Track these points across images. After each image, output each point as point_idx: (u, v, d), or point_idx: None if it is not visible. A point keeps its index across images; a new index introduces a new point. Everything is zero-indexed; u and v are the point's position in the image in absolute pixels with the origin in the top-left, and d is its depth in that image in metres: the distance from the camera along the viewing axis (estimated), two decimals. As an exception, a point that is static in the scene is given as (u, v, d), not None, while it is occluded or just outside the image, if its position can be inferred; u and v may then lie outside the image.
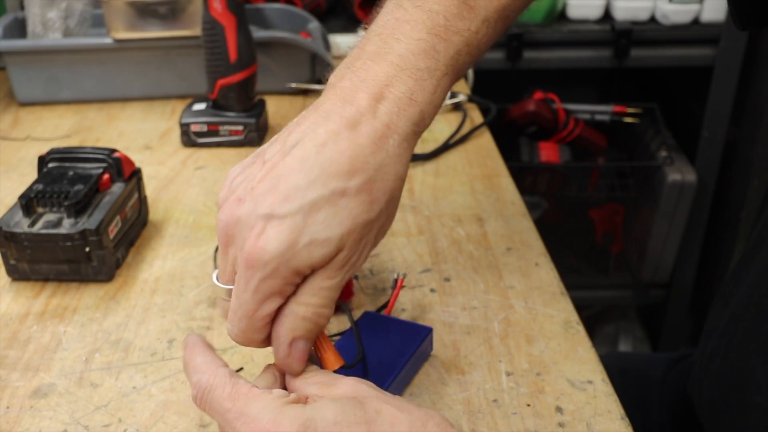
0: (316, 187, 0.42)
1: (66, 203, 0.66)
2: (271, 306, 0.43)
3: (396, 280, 0.60)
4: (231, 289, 0.45)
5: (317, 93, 1.09)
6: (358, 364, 0.50)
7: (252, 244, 0.42)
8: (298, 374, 0.45)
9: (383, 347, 0.55)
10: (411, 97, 0.45)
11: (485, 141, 0.96)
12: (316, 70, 1.10)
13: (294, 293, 0.44)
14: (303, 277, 0.43)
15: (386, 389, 0.45)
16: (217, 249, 0.66)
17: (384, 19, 0.50)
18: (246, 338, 0.45)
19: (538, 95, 1.50)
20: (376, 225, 0.45)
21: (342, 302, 0.52)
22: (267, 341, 0.45)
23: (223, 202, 0.46)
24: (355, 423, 0.40)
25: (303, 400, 0.43)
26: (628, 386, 0.80)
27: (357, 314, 0.61)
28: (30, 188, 0.68)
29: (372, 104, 0.45)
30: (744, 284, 0.64)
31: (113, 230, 0.69)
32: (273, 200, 0.43)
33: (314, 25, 1.18)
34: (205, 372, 0.43)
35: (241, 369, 0.58)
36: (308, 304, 0.44)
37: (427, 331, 0.58)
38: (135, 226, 0.74)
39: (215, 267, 0.67)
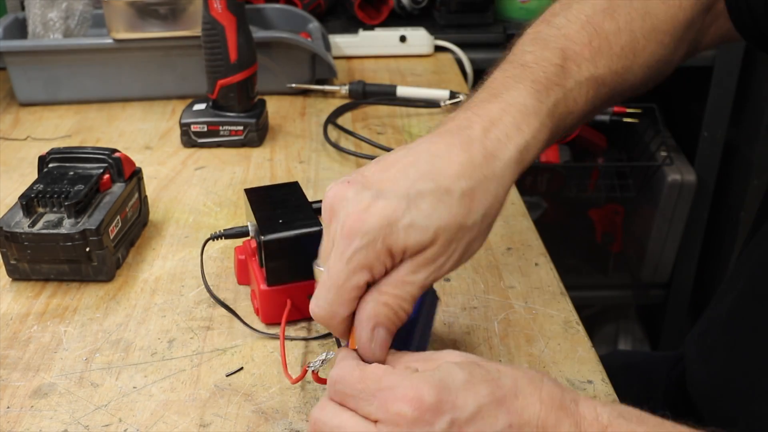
0: (425, 180, 0.46)
1: (66, 203, 0.66)
2: (361, 278, 0.45)
3: None
4: (321, 272, 0.47)
5: (317, 93, 1.10)
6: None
7: (355, 216, 0.45)
8: (381, 362, 0.46)
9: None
10: (518, 128, 0.50)
11: (485, 141, 0.96)
12: (316, 70, 1.10)
13: (380, 281, 0.46)
14: (393, 263, 0.46)
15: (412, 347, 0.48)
16: (207, 242, 0.66)
17: (493, 76, 0.55)
18: (330, 311, 0.46)
19: (538, 95, 1.50)
20: (468, 235, 0.47)
21: None
22: (347, 322, 0.47)
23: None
24: (484, 381, 0.42)
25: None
26: (632, 383, 0.80)
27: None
28: (30, 188, 0.69)
29: (484, 131, 0.49)
30: (746, 275, 0.65)
31: (113, 230, 0.69)
32: (383, 183, 0.46)
33: (314, 25, 1.18)
34: (335, 370, 0.45)
35: (241, 369, 0.58)
36: (391, 294, 0.46)
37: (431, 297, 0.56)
38: (135, 226, 0.74)
39: (201, 263, 0.67)
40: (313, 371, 0.52)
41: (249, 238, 0.66)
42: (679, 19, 0.62)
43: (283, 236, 0.60)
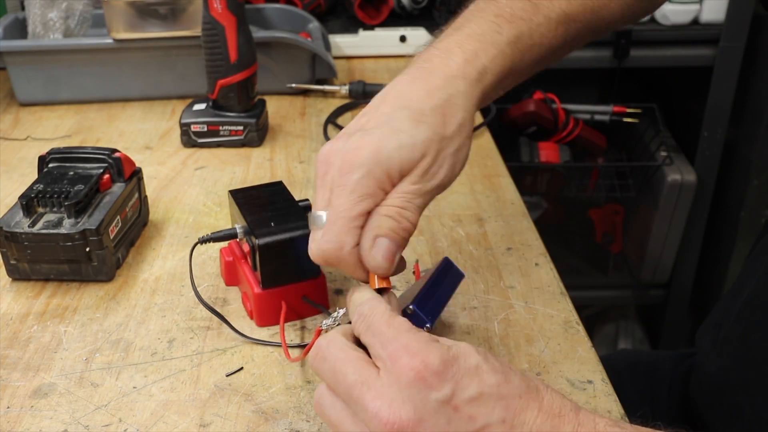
0: (399, 110, 0.51)
1: (66, 203, 0.66)
2: (364, 206, 0.49)
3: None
4: (322, 217, 0.50)
5: (317, 93, 1.10)
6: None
7: (349, 154, 0.49)
8: (386, 273, 0.49)
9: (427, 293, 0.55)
10: (475, 54, 0.54)
11: (485, 141, 0.96)
12: (316, 70, 1.10)
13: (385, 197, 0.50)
14: (392, 186, 0.50)
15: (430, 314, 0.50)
16: (195, 246, 0.66)
17: (463, 12, 0.59)
18: (338, 242, 0.48)
19: (538, 95, 1.50)
20: (452, 144, 0.52)
21: (322, 307, 0.60)
22: (355, 255, 0.49)
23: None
24: (493, 371, 0.41)
25: None
26: (637, 381, 0.80)
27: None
28: (30, 188, 0.69)
29: (444, 60, 0.54)
30: (761, 269, 0.66)
31: (113, 230, 0.69)
32: (365, 125, 0.51)
33: (314, 25, 1.18)
34: (367, 303, 0.46)
35: (241, 369, 0.58)
36: (391, 205, 0.49)
37: (459, 277, 0.57)
38: (135, 226, 0.74)
39: (190, 269, 0.66)
40: (323, 329, 0.53)
41: (238, 239, 0.66)
42: None
43: (278, 239, 0.60)
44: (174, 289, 0.68)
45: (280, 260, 0.60)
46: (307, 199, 0.67)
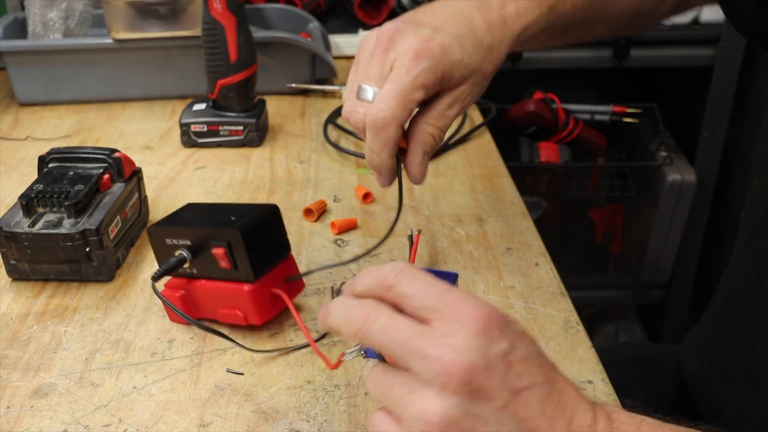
0: (466, 27, 0.58)
1: (66, 203, 0.66)
2: (421, 93, 0.55)
3: (412, 236, 0.66)
4: (369, 91, 0.56)
5: (317, 93, 1.10)
6: None
7: (421, 43, 0.55)
8: (419, 182, 0.59)
9: None
10: (525, 10, 0.61)
11: (485, 141, 0.96)
12: (316, 70, 1.10)
13: (425, 112, 0.58)
14: (437, 89, 0.57)
15: None
16: (154, 286, 0.61)
17: None
18: (393, 114, 0.55)
19: (538, 95, 1.50)
20: (483, 82, 0.60)
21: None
22: (400, 130, 0.56)
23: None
24: (534, 340, 0.41)
25: None
26: (642, 374, 0.81)
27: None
28: (30, 188, 0.68)
29: (500, 3, 0.60)
30: (741, 270, 0.68)
31: (113, 230, 0.69)
32: (435, 23, 0.57)
33: (314, 25, 1.18)
34: (397, 263, 0.43)
35: (242, 374, 0.58)
36: (434, 125, 0.58)
37: (453, 277, 0.59)
38: (135, 226, 0.74)
39: (168, 304, 0.62)
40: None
41: (187, 263, 0.60)
42: None
43: (254, 223, 0.58)
44: (174, 289, 0.68)
45: (260, 244, 0.58)
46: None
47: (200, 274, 0.61)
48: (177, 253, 0.60)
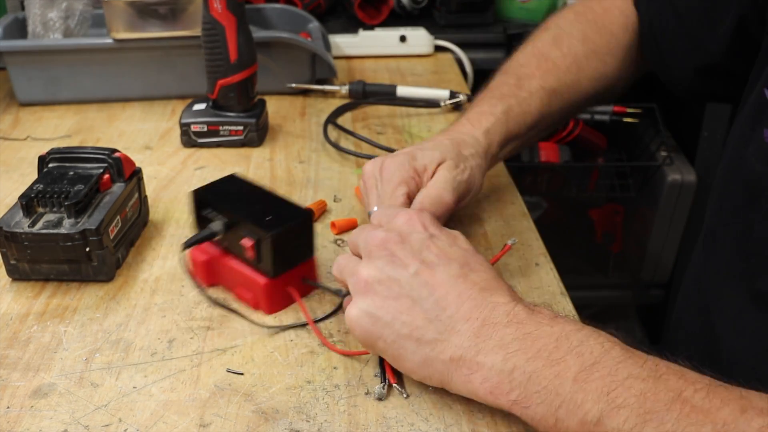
0: (425, 143, 0.73)
1: (66, 203, 0.66)
2: (402, 190, 0.67)
3: (508, 244, 0.67)
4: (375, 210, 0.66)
5: (317, 93, 1.10)
6: None
7: (387, 160, 0.70)
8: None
9: None
10: (479, 120, 0.75)
11: (485, 141, 0.96)
12: (316, 70, 1.10)
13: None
14: (420, 180, 0.68)
15: None
16: (183, 251, 0.65)
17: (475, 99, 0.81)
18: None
19: (538, 95, 1.50)
20: (470, 162, 0.71)
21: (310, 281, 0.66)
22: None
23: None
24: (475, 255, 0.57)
25: None
26: None
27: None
28: (30, 188, 0.68)
29: (456, 126, 0.76)
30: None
31: (113, 230, 0.69)
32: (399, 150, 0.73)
33: (314, 25, 1.18)
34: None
35: (242, 374, 0.58)
36: (431, 187, 0.67)
37: None
38: (135, 226, 0.74)
39: (188, 273, 0.66)
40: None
41: (217, 238, 0.65)
42: (612, 44, 0.82)
43: (284, 229, 0.61)
44: (174, 289, 0.68)
45: (286, 248, 0.62)
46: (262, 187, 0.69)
47: (228, 250, 0.66)
48: (212, 224, 0.65)
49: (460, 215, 0.79)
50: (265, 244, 0.61)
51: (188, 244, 0.64)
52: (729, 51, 0.71)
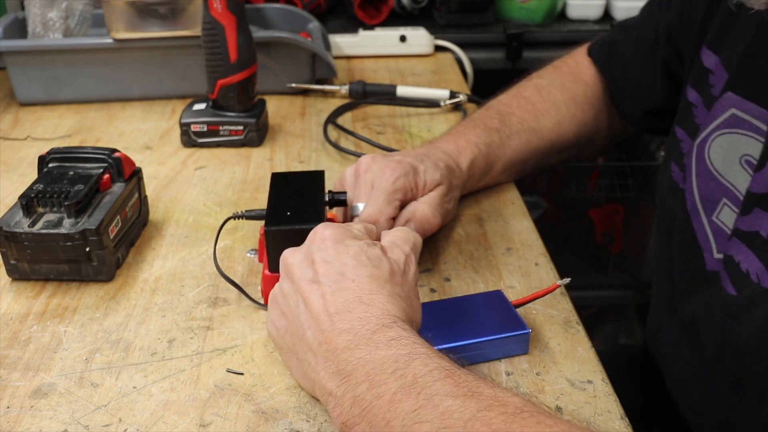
0: (426, 157, 0.74)
1: (66, 203, 0.66)
2: (399, 194, 0.69)
3: (557, 284, 0.64)
4: (359, 207, 0.69)
5: (317, 93, 1.10)
6: None
7: (394, 161, 0.71)
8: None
9: (477, 320, 0.61)
10: (467, 148, 0.79)
11: (485, 141, 0.96)
12: (316, 70, 1.10)
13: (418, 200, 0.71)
14: (414, 194, 0.71)
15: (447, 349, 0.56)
16: (227, 220, 0.68)
17: (459, 124, 0.84)
18: (378, 210, 0.68)
19: (538, 95, 1.50)
20: (454, 193, 0.75)
21: None
22: (390, 223, 0.69)
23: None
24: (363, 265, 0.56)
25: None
26: (633, 379, 0.81)
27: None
28: (30, 188, 0.68)
29: (443, 146, 0.79)
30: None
31: (113, 230, 0.69)
32: (400, 152, 0.76)
33: (314, 25, 1.18)
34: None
35: (242, 374, 0.58)
36: (422, 208, 0.70)
37: (522, 331, 0.59)
38: (135, 226, 0.74)
39: (216, 240, 0.69)
40: None
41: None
42: (588, 93, 0.87)
43: (284, 229, 0.62)
44: (174, 289, 0.68)
45: (285, 247, 0.61)
46: (344, 192, 0.70)
47: None
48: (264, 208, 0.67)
49: (459, 215, 0.79)
50: (265, 238, 0.63)
51: (234, 216, 0.67)
52: (665, 94, 0.79)
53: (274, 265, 0.63)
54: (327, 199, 0.68)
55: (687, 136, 0.69)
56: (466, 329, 0.59)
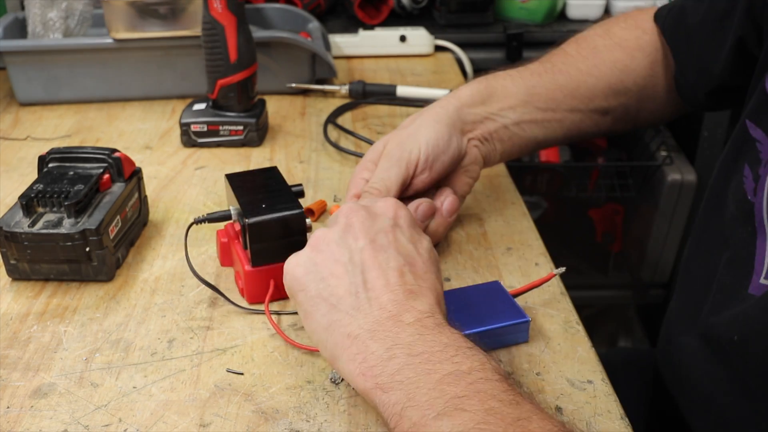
0: (435, 122, 0.72)
1: (66, 203, 0.66)
2: (409, 169, 0.69)
3: (552, 273, 0.64)
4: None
5: (317, 93, 1.10)
6: None
7: (402, 134, 0.71)
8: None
9: (477, 311, 0.61)
10: (471, 83, 0.76)
11: (485, 141, 0.96)
12: (316, 70, 1.10)
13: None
14: (424, 167, 0.70)
15: None
16: (191, 226, 0.68)
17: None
18: (385, 186, 0.68)
19: (538, 95, 1.50)
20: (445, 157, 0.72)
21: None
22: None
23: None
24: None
25: None
26: (633, 381, 0.81)
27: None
28: (30, 188, 0.68)
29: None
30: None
31: (113, 230, 0.69)
32: (409, 121, 0.74)
33: (314, 25, 1.18)
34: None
35: (242, 374, 0.58)
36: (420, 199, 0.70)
37: (522, 319, 0.60)
38: (135, 226, 0.74)
39: (186, 248, 0.68)
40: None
41: (232, 221, 0.68)
42: (641, 41, 0.78)
43: (266, 219, 0.63)
44: (174, 289, 0.68)
45: (268, 239, 0.63)
46: (300, 184, 0.69)
47: (237, 235, 0.67)
48: (228, 208, 0.68)
49: (460, 215, 0.79)
50: (246, 230, 0.63)
51: (197, 221, 0.67)
52: (732, 71, 0.70)
53: (257, 259, 0.63)
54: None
55: (767, 137, 0.60)
56: (467, 320, 0.59)
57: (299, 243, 0.64)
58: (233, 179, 0.68)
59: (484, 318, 0.60)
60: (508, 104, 0.74)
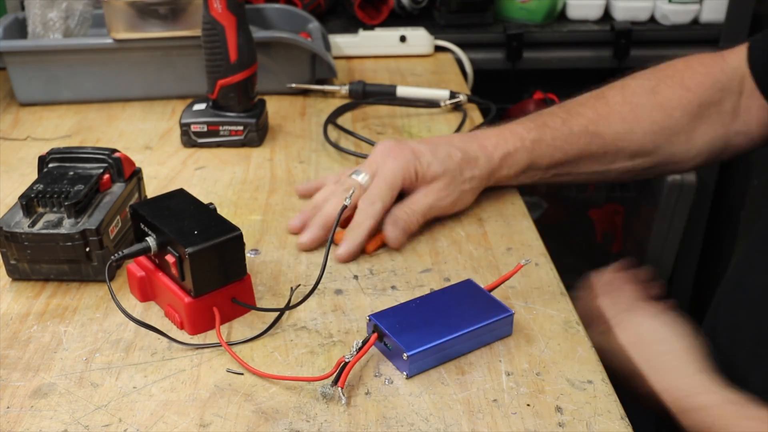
0: (442, 141, 0.78)
1: (66, 203, 0.66)
2: (400, 181, 0.74)
3: (519, 264, 0.64)
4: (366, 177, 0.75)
5: (317, 93, 1.10)
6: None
7: (399, 146, 0.77)
8: (394, 245, 0.73)
9: (460, 311, 0.61)
10: (505, 141, 0.78)
11: (485, 141, 0.96)
12: (316, 70, 1.10)
13: (405, 200, 0.75)
14: (413, 183, 0.75)
15: (440, 345, 0.58)
16: (109, 265, 0.63)
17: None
18: (382, 196, 0.73)
19: (538, 95, 1.50)
20: (460, 187, 0.76)
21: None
22: (382, 213, 0.74)
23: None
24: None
25: None
26: None
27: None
28: (30, 188, 0.68)
29: (483, 136, 0.79)
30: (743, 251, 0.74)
31: (113, 230, 0.69)
32: (418, 140, 0.79)
33: (314, 25, 1.18)
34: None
35: (242, 374, 0.58)
36: (409, 207, 0.74)
37: (506, 314, 0.60)
38: (135, 226, 0.74)
39: (110, 290, 0.61)
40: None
41: (151, 253, 0.63)
42: (687, 98, 0.80)
43: (207, 246, 0.59)
44: (174, 289, 0.68)
45: (209, 266, 0.60)
46: (211, 203, 0.66)
47: (160, 267, 0.64)
48: (146, 240, 0.63)
49: (460, 215, 0.79)
50: (185, 260, 0.59)
51: (118, 259, 0.62)
52: None
53: (200, 289, 0.60)
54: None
55: None
56: (452, 322, 0.59)
57: (239, 265, 0.62)
58: (143, 209, 0.64)
59: (468, 318, 0.59)
60: (514, 172, 0.79)
